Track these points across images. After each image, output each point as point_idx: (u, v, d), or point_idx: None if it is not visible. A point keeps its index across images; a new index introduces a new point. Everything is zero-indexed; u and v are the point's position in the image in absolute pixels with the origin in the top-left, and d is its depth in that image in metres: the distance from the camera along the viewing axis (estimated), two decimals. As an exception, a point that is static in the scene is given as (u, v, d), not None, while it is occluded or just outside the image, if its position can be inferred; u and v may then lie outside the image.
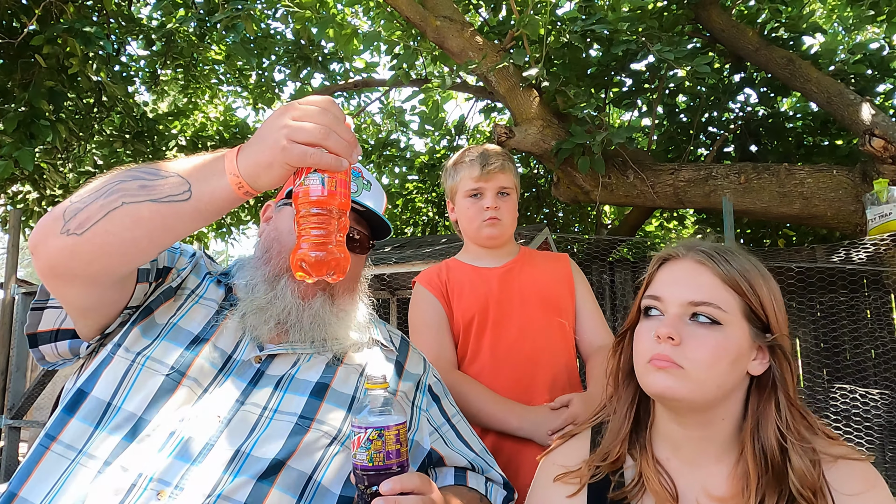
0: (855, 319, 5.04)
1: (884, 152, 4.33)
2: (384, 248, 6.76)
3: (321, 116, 0.99)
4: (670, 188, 5.30)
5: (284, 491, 1.11)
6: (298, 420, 1.19)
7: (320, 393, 1.25)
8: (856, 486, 1.04)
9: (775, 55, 5.43)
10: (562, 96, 5.13)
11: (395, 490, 1.00)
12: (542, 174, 8.51)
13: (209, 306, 1.31)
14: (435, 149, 9.30)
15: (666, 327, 1.07)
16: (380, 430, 1.02)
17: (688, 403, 1.08)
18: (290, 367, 1.29)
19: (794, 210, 4.93)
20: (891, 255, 4.36)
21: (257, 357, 1.26)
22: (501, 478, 1.46)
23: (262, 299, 1.28)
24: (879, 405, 4.54)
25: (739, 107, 6.88)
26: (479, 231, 1.95)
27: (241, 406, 1.18)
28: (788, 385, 1.07)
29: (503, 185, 1.94)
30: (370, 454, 1.01)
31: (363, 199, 1.37)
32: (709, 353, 1.05)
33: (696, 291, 1.09)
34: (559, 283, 1.99)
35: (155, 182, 1.03)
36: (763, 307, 1.08)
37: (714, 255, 1.12)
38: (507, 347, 1.87)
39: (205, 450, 1.11)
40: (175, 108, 9.37)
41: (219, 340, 1.26)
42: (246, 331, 1.29)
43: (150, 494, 1.04)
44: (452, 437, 1.43)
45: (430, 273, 2.00)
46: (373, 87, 8.07)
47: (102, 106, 7.37)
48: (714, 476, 1.12)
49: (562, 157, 5.03)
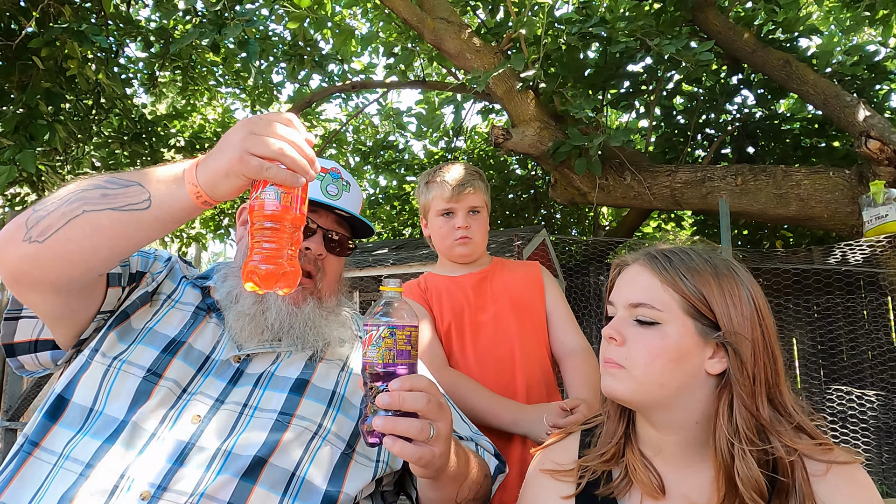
0: (851, 321, 5.05)
1: (880, 154, 4.34)
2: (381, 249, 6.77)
3: (281, 131, 1.00)
4: (667, 190, 5.31)
5: (268, 488, 1.11)
6: (278, 416, 1.20)
7: (300, 389, 1.26)
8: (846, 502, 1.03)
9: (772, 57, 5.45)
10: (559, 98, 5.14)
11: (402, 387, 0.99)
12: (539, 176, 8.52)
13: (185, 310, 1.32)
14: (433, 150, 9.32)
15: (609, 328, 1.12)
16: (392, 329, 1.01)
17: (634, 403, 1.11)
18: (270, 364, 1.29)
19: (790, 212, 4.94)
20: (887, 257, 4.37)
21: (236, 357, 1.27)
22: (493, 448, 1.46)
23: (251, 309, 1.29)
24: (875, 406, 4.55)
25: (736, 109, 6.90)
26: (452, 249, 2.03)
27: (220, 405, 1.19)
28: (743, 386, 1.06)
29: (473, 204, 2.01)
30: (381, 352, 1.01)
31: (343, 204, 1.40)
32: (645, 352, 1.07)
33: (635, 293, 1.13)
34: (530, 287, 2.05)
35: (116, 191, 1.04)
36: (709, 305, 1.08)
37: (657, 257, 1.15)
38: (485, 350, 1.92)
39: (187, 449, 1.11)
40: (173, 109, 9.39)
41: (196, 342, 1.27)
42: (225, 332, 1.30)
43: (133, 496, 1.05)
44: None
45: (409, 285, 2.07)
46: (370, 88, 8.08)
47: (101, 108, 7.38)
48: (699, 481, 1.12)
49: (559, 159, 5.04)
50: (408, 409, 0.98)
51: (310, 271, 1.35)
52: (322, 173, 1.38)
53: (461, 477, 1.19)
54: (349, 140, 9.89)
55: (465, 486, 1.21)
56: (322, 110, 9.99)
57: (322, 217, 1.40)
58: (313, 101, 7.89)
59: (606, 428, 1.23)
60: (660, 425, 1.13)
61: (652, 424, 1.14)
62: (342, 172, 1.44)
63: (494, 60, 5.23)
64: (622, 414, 1.22)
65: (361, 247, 7.53)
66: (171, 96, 9.78)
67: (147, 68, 8.37)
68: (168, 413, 1.15)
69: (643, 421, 1.17)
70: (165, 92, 9.43)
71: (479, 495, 1.28)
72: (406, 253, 6.03)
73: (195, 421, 1.15)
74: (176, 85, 9.10)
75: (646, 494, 1.13)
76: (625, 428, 1.21)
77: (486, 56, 5.31)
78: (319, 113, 9.54)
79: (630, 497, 1.16)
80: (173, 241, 9.94)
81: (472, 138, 9.85)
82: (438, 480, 1.13)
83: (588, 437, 1.28)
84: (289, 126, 1.02)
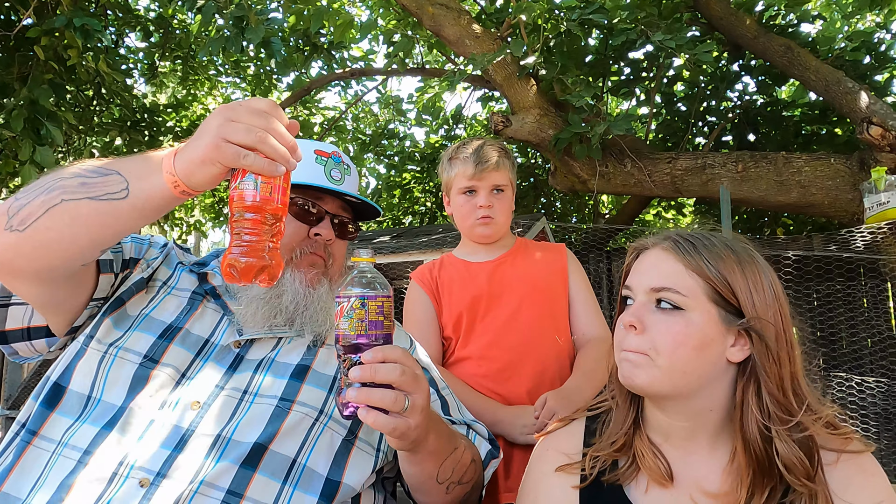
0: (851, 308, 5.04)
1: (881, 140, 4.32)
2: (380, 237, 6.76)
3: (259, 119, 0.97)
4: (667, 177, 5.29)
5: (269, 475, 1.10)
6: (279, 403, 1.18)
7: (301, 375, 1.25)
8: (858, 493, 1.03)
9: (773, 43, 5.40)
10: (559, 85, 5.11)
11: (376, 358, 0.98)
12: (539, 164, 8.49)
13: (182, 296, 1.32)
14: (433, 138, 9.28)
15: (629, 315, 1.09)
16: (363, 300, 1.01)
17: (655, 393, 1.08)
18: (271, 350, 1.28)
19: (791, 199, 4.92)
20: (888, 244, 4.36)
21: (236, 342, 1.26)
22: (488, 434, 1.44)
23: (266, 293, 1.28)
24: (875, 393, 4.54)
25: (737, 96, 6.85)
26: (473, 229, 1.97)
27: (220, 391, 1.18)
28: (769, 372, 1.05)
29: (497, 182, 1.93)
30: (353, 323, 1.00)
31: (346, 188, 1.39)
32: (670, 339, 1.05)
33: (658, 278, 1.10)
34: (552, 274, 1.99)
35: (95, 180, 1.02)
36: (733, 291, 1.07)
37: (680, 241, 1.12)
38: (491, 340, 1.88)
39: (186, 436, 1.11)
40: (174, 99, 9.34)
41: (194, 327, 1.26)
42: (225, 317, 1.30)
43: (132, 483, 1.04)
44: (437, 407, 1.40)
45: (423, 270, 2.03)
46: (370, 75, 8.04)
47: (102, 98, 7.34)
48: (709, 469, 1.11)
49: (560, 147, 5.02)
50: (381, 381, 0.97)
51: (322, 257, 1.37)
52: (324, 157, 1.39)
53: (442, 453, 1.17)
54: (348, 128, 9.85)
55: (446, 464, 1.19)
56: (321, 98, 9.94)
57: (329, 203, 1.40)
58: (312, 88, 7.85)
59: (615, 417, 1.21)
60: (673, 412, 1.11)
61: (664, 411, 1.12)
62: (343, 156, 1.44)
63: (494, 47, 5.19)
64: (632, 401, 1.20)
65: (360, 235, 7.52)
66: (172, 86, 9.73)
67: (147, 58, 8.33)
68: (167, 399, 1.15)
69: (653, 407, 1.15)
70: (166, 82, 9.39)
71: (465, 479, 1.26)
72: (405, 241, 6.02)
73: (195, 407, 1.14)
74: (176, 75, 9.06)
75: (653, 481, 1.12)
76: (634, 415, 1.20)
77: (485, 42, 5.27)
78: (318, 101, 9.50)
79: (637, 483, 1.15)
80: (173, 229, 9.93)
81: (472, 126, 9.81)
82: (416, 454, 1.12)
83: (594, 423, 1.26)
84: (268, 112, 0.99)
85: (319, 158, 1.38)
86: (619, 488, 1.15)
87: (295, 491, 1.12)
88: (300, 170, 1.31)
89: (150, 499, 1.03)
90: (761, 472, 1.04)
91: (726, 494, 1.07)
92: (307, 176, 1.35)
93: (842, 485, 1.03)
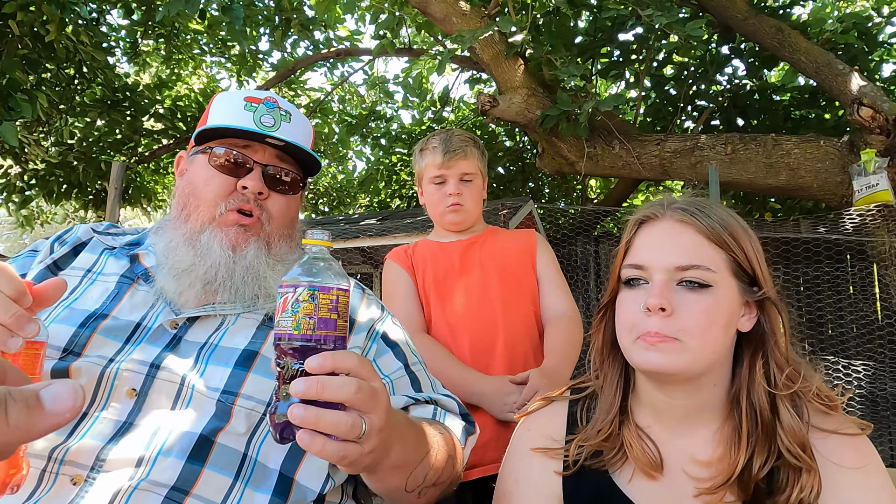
0: (838, 291, 5.04)
1: (872, 122, 4.28)
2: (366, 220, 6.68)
3: None
4: (656, 159, 5.24)
5: (219, 471, 0.98)
6: (221, 396, 1.04)
7: (247, 363, 1.09)
8: (848, 458, 0.99)
9: (764, 24, 5.35)
10: (548, 65, 5.03)
11: (324, 367, 0.76)
12: (527, 148, 8.43)
13: (108, 281, 1.19)
14: (421, 121, 9.20)
15: (656, 298, 0.98)
16: (313, 291, 0.79)
17: (685, 376, 1.01)
18: (214, 331, 1.14)
19: (780, 181, 4.88)
20: (877, 226, 4.34)
21: (172, 322, 1.12)
22: (460, 408, 1.25)
23: (184, 261, 1.15)
24: (862, 376, 4.55)
25: (727, 79, 6.81)
26: (443, 217, 2.02)
27: (154, 377, 1.04)
28: (777, 337, 1.02)
29: (465, 171, 1.98)
30: (297, 319, 0.78)
31: (281, 133, 1.22)
32: (703, 320, 0.97)
33: (682, 254, 1.01)
34: (521, 254, 2.03)
35: None
36: (749, 261, 1.02)
37: (695, 210, 1.04)
38: (464, 314, 1.90)
39: (122, 428, 0.99)
40: (158, 79, 9.19)
41: (121, 313, 1.13)
42: (160, 298, 1.16)
43: (63, 481, 0.94)
44: (405, 385, 1.22)
45: (397, 250, 2.08)
46: (356, 56, 7.92)
47: (83, 77, 7.19)
48: (699, 441, 1.06)
49: (547, 126, 4.95)
50: (330, 398, 0.76)
51: (250, 210, 1.19)
52: (254, 104, 1.23)
53: (409, 464, 0.98)
54: (334, 110, 9.73)
55: (416, 472, 1.01)
56: (306, 79, 9.81)
57: (258, 152, 1.23)
58: (297, 69, 7.73)
59: (601, 403, 1.14)
60: (677, 391, 1.04)
61: (666, 392, 1.05)
62: (280, 101, 1.27)
63: (481, 25, 5.10)
64: (619, 385, 1.14)
65: (346, 218, 7.42)
66: (156, 66, 9.56)
67: (129, 36, 8.17)
68: (98, 390, 1.02)
69: (650, 387, 1.07)
70: (149, 61, 9.23)
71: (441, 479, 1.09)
72: (391, 223, 5.95)
73: (131, 396, 1.02)
74: (160, 54, 8.90)
75: (641, 471, 1.07)
76: (621, 401, 1.13)
77: (473, 20, 5.18)
78: (304, 82, 9.37)
79: (622, 471, 1.09)
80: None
81: (459, 108, 9.72)
82: (376, 472, 0.94)
83: (576, 406, 1.19)
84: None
85: (249, 105, 1.23)
86: (605, 473, 1.09)
87: (246, 488, 0.99)
88: (226, 119, 1.21)
89: (83, 497, 0.92)
90: (764, 437, 1.00)
91: (720, 460, 1.03)
92: (233, 124, 1.21)
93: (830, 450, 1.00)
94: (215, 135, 1.22)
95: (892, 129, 4.30)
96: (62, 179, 7.67)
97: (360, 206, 10.82)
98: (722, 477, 1.00)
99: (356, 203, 10.81)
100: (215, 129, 1.20)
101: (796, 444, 0.97)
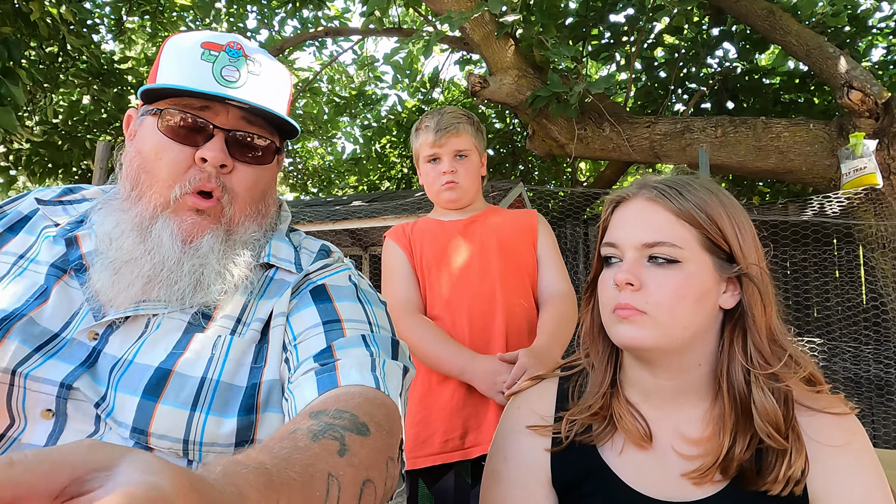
0: (825, 273, 5.07)
1: (861, 105, 4.29)
2: (355, 202, 6.65)
3: None
4: (646, 141, 5.23)
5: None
6: (132, 435, 0.85)
7: (156, 389, 0.86)
8: (835, 436, 1.00)
9: (756, 6, 5.33)
10: (539, 46, 5.00)
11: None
12: (517, 130, 8.40)
13: (38, 272, 0.95)
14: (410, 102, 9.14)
15: (623, 273, 1.01)
16: None
17: (657, 351, 1.02)
18: (134, 340, 0.91)
19: (769, 164, 4.89)
20: (864, 210, 4.36)
21: (91, 333, 0.91)
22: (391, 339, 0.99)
23: (130, 253, 0.93)
24: (847, 358, 4.59)
25: (717, 63, 6.80)
26: (439, 195, 1.99)
27: (65, 400, 0.86)
28: (757, 316, 1.01)
29: (459, 148, 1.95)
30: None
31: (248, 91, 0.97)
32: (671, 294, 0.98)
33: (650, 231, 1.02)
34: (521, 232, 2.01)
35: None
36: (725, 237, 1.02)
37: (665, 189, 1.04)
38: (462, 291, 1.89)
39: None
40: (144, 56, 9.06)
41: (41, 315, 0.90)
42: (88, 300, 0.93)
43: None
44: (314, 345, 0.93)
45: (396, 228, 2.05)
46: (346, 35, 7.84)
47: (68, 55, 7.08)
48: (689, 419, 1.07)
49: (537, 107, 4.92)
50: None
51: (210, 190, 0.96)
52: (214, 52, 0.97)
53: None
54: (323, 90, 9.65)
55: None
56: (295, 58, 9.71)
57: (220, 113, 0.97)
58: (285, 47, 7.64)
59: (592, 379, 1.15)
60: (661, 371, 1.05)
61: (650, 371, 1.06)
62: (245, 47, 1.00)
63: (472, 4, 5.05)
64: (608, 363, 1.14)
65: (336, 200, 7.39)
66: (142, 43, 9.43)
67: (114, 13, 8.04)
68: (11, 412, 0.86)
69: (637, 367, 1.08)
70: (135, 39, 9.10)
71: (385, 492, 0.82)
72: (381, 205, 5.92)
73: (46, 417, 0.86)
74: (145, 31, 8.78)
75: (631, 442, 1.07)
76: (612, 377, 1.14)
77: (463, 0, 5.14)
78: (292, 61, 9.27)
79: (612, 444, 1.09)
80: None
81: (449, 90, 9.66)
82: None
83: (566, 383, 1.20)
84: None
85: (207, 54, 0.97)
86: (593, 448, 1.10)
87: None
88: (179, 73, 0.96)
89: None
90: (744, 419, 1.00)
91: (708, 439, 1.03)
92: (187, 79, 0.95)
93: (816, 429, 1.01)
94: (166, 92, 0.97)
95: (880, 112, 4.32)
96: (47, 159, 7.57)
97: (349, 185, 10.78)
98: (711, 457, 1.01)
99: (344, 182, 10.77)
100: (163, 89, 0.96)
101: (769, 426, 0.97)
